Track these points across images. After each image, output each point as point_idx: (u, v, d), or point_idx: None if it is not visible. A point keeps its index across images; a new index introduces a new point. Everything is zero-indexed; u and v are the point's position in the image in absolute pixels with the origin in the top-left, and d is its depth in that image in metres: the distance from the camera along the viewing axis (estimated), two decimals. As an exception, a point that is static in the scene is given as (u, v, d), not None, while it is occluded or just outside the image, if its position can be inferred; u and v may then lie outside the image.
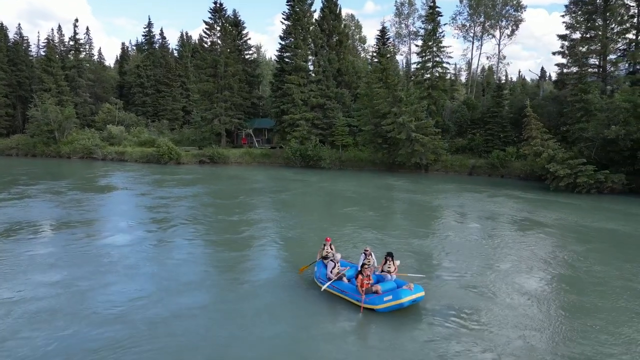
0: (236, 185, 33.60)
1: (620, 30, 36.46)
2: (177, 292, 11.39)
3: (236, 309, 10.43)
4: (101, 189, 30.61)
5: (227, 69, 49.18)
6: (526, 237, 17.79)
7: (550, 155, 29.84)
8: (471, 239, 17.50)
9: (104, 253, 14.79)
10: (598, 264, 14.15)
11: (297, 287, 11.94)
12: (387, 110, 38.80)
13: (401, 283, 10.74)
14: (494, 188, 31.49)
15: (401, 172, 41.07)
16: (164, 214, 21.79)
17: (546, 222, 20.45)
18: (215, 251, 15.65)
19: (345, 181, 35.64)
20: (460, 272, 13.25)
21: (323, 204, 26.86)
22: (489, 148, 39.59)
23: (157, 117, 69.15)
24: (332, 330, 9.57)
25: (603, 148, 30.50)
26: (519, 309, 10.59)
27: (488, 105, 41.26)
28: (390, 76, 38.33)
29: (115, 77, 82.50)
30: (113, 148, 52.31)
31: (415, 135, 37.97)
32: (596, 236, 18.32)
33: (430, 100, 43.38)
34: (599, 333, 9.32)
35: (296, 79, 45.57)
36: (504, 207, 24.34)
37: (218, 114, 49.66)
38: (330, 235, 16.51)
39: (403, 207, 25.77)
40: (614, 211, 23.95)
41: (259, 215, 21.89)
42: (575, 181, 28.81)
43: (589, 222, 20.82)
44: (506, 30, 48.25)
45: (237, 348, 8.70)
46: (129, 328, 9.33)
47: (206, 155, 47.74)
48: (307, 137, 45.37)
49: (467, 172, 39.79)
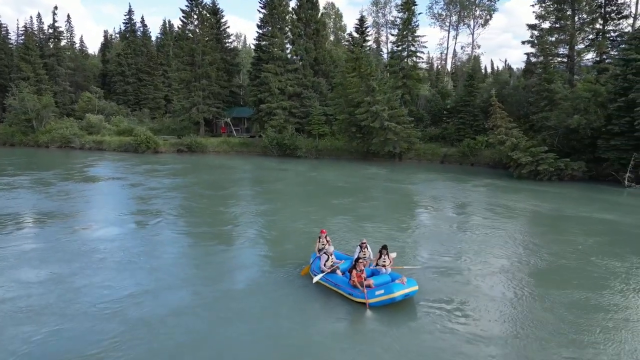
0: (214, 175, 33.37)
1: (588, 20, 37.08)
2: (169, 288, 11.15)
3: (228, 305, 10.25)
4: (80, 179, 30.22)
5: (204, 57, 49.11)
6: (496, 225, 17.88)
7: (513, 144, 30.55)
8: (446, 228, 17.68)
9: (93, 247, 14.43)
10: (584, 253, 14.41)
11: (289, 280, 11.82)
12: (361, 100, 39.18)
13: (396, 276, 10.56)
14: (464, 176, 32.22)
15: (376, 161, 41.66)
16: (149, 206, 21.45)
17: (513, 209, 21.16)
18: (204, 245, 15.21)
19: (321, 170, 35.97)
20: (443, 262, 13.29)
21: (302, 194, 26.83)
22: (460, 137, 40.22)
23: (139, 106, 68.86)
24: (323, 324, 9.43)
25: (566, 136, 31.28)
26: (506, 300, 10.60)
27: (461, 94, 41.80)
28: (363, 65, 38.62)
29: (99, 65, 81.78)
30: (91, 137, 52.23)
31: (388, 124, 38.46)
32: (562, 221, 19.15)
33: (405, 89, 43.82)
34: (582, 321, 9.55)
35: (273, 67, 45.71)
36: (473, 195, 25.00)
37: (196, 103, 49.71)
38: (310, 225, 17.15)
39: (380, 195, 25.75)
40: (571, 197, 24.79)
41: (242, 208, 21.47)
42: (536, 169, 29.57)
43: (550, 208, 21.60)
44: (480, 20, 48.70)
45: (227, 346, 8.55)
46: (120, 326, 9.12)
47: (184, 144, 47.92)
48: (284, 126, 45.70)
49: (439, 160, 40.47)
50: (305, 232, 16.50)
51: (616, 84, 28.95)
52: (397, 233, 16.71)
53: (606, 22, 36.45)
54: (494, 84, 41.43)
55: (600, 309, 10.10)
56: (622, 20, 36.06)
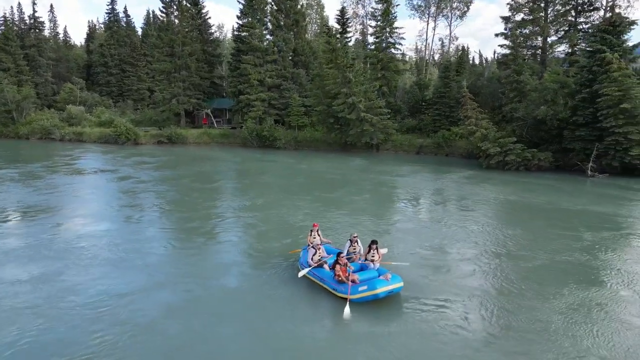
0: (198, 168, 32.56)
1: (561, 12, 37.48)
2: (158, 287, 10.94)
3: (218, 304, 10.11)
4: (62, 172, 29.65)
5: (184, 48, 48.96)
6: (469, 217, 18.14)
7: (482, 135, 31.05)
8: (423, 221, 17.82)
9: (80, 244, 14.09)
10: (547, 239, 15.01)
11: (277, 274, 11.70)
12: (338, 91, 39.43)
13: (383, 272, 10.39)
14: (438, 167, 32.79)
15: (354, 152, 42.04)
16: (135, 200, 21.08)
17: (484, 200, 21.59)
18: (193, 240, 14.85)
19: (302, 162, 35.95)
20: (424, 256, 13.28)
21: (287, 186, 26.03)
22: (436, 128, 40.69)
23: (122, 97, 68.48)
24: (307, 321, 9.35)
25: (534, 127, 31.84)
26: (488, 295, 10.62)
27: (437, 85, 42.18)
28: (340, 57, 38.80)
29: (84, 56, 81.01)
30: (71, 129, 51.99)
31: (365, 116, 38.79)
32: (527, 211, 19.67)
33: (383, 81, 44.10)
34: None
35: (252, 59, 45.71)
36: (447, 187, 25.27)
37: (176, 94, 49.63)
38: (299, 217, 17.24)
39: (366, 188, 25.37)
40: (537, 187, 25.26)
41: (229, 202, 21.21)
42: (504, 159, 30.13)
43: (516, 198, 22.19)
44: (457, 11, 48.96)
45: (218, 345, 8.44)
46: (109, 326, 8.96)
47: (164, 136, 47.94)
48: (264, 118, 45.85)
49: (415, 151, 40.97)
50: (295, 225, 16.37)
51: (582, 76, 29.47)
52: (381, 227, 16.56)
53: (578, 14, 36.89)
54: (470, 75, 41.81)
55: (565, 297, 10.48)
56: (593, 12, 36.52)
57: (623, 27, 28.85)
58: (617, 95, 26.32)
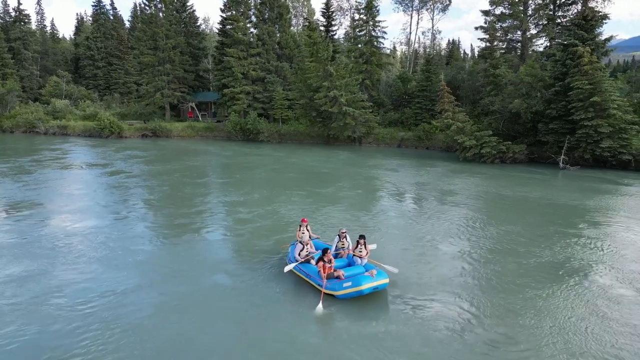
0: (185, 162, 31.93)
1: (541, 5, 37.77)
2: (147, 286, 10.64)
3: (206, 303, 9.83)
4: (47, 166, 29.27)
5: (167, 41, 48.86)
6: (448, 210, 18.30)
7: (459, 128, 31.41)
8: (404, 215, 17.80)
9: (66, 242, 13.70)
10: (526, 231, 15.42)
11: (266, 270, 11.52)
12: (320, 84, 39.65)
13: (370, 268, 10.28)
14: (419, 159, 33.18)
15: (337, 145, 42.35)
16: (122, 196, 20.57)
17: (460, 192, 21.81)
18: (183, 238, 14.40)
19: (289, 155, 35.97)
20: (407, 251, 13.20)
21: (272, 181, 25.74)
22: (418, 121, 41.02)
23: (109, 90, 68.27)
24: (290, 317, 9.23)
25: (510, 120, 32.27)
26: (472, 290, 10.51)
27: (419, 79, 42.46)
28: (321, 50, 38.96)
29: (72, 49, 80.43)
30: (55, 122, 51.88)
31: (346, 109, 39.06)
32: (501, 201, 20.10)
33: (366, 74, 44.31)
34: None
35: (236, 52, 45.75)
36: (426, 180, 25.33)
37: (160, 87, 49.61)
38: (284, 212, 17.14)
39: (349, 181, 25.14)
40: (511, 178, 25.69)
41: (215, 197, 20.77)
42: (480, 152, 30.53)
43: (491, 190, 22.51)
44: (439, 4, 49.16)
45: (208, 346, 8.22)
46: (98, 327, 8.73)
47: (149, 129, 47.98)
48: (248, 111, 45.99)
49: (397, 144, 41.33)
50: (286, 220, 16.22)
51: (556, 69, 29.85)
52: (368, 222, 16.41)
53: (557, 8, 37.21)
54: (452, 69, 42.12)
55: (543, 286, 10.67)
56: (572, 5, 36.85)
57: (595, 21, 29.21)
58: (588, 88, 26.74)
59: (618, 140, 27.15)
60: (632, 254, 12.99)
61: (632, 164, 27.83)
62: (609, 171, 27.81)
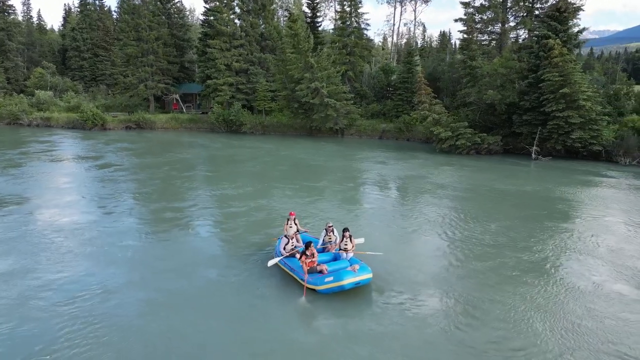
0: (174, 155, 31.67)
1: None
2: (136, 284, 10.45)
3: (195, 300, 9.67)
4: (30, 159, 28.73)
5: (150, 32, 48.67)
6: (426, 202, 18.52)
7: (435, 119, 31.71)
8: (384, 208, 17.84)
9: (55, 238, 13.38)
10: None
11: (256, 265, 11.41)
12: (301, 76, 39.75)
13: (355, 262, 10.21)
14: (399, 151, 33.50)
15: (320, 137, 42.57)
16: (110, 190, 20.13)
17: (437, 184, 22.06)
18: (173, 233, 14.15)
19: (271, 147, 35.94)
20: (389, 244, 13.13)
21: (257, 174, 25.21)
22: (399, 113, 41.27)
23: (96, 82, 67.92)
24: (276, 312, 9.20)
25: (486, 112, 32.61)
26: (454, 283, 10.58)
27: (400, 71, 42.65)
28: (302, 42, 39.02)
29: (59, 40, 79.73)
30: (39, 114, 51.67)
31: (328, 101, 39.24)
32: (472, 192, 20.38)
33: (349, 66, 44.43)
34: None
35: (219, 43, 45.67)
36: (406, 171, 25.64)
37: (143, 79, 49.50)
38: (275, 205, 17.09)
39: (338, 175, 25.11)
40: (485, 169, 26.13)
41: (202, 190, 20.51)
42: (455, 143, 30.87)
43: (465, 180, 22.89)
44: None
45: (196, 344, 8.09)
46: (86, 326, 8.55)
47: (132, 121, 47.93)
48: (231, 102, 46.05)
49: (378, 136, 41.63)
50: (277, 213, 16.12)
51: (530, 61, 30.16)
52: (349, 215, 16.34)
53: (536, 0, 37.39)
54: (433, 60, 42.31)
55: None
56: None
57: (569, 13, 29.47)
58: (558, 80, 27.09)
59: (588, 132, 27.57)
60: (609, 244, 13.28)
61: (602, 155, 28.33)
62: (580, 162, 28.29)
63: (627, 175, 24.28)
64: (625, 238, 13.91)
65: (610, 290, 10.21)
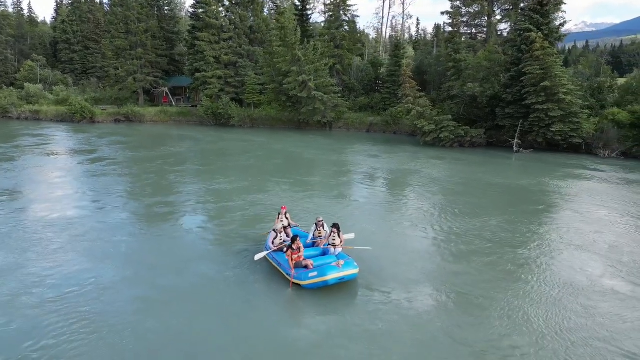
0: (165, 148, 31.61)
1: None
2: (128, 280, 10.28)
3: (187, 298, 9.50)
4: (21, 152, 28.55)
5: (139, 25, 48.50)
6: (411, 194, 18.92)
7: (419, 112, 31.89)
8: (369, 201, 17.93)
9: (46, 233, 13.14)
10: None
11: (249, 260, 11.26)
12: (289, 69, 39.80)
13: (342, 257, 10.09)
14: (386, 144, 33.74)
15: (308, 130, 42.71)
16: (102, 184, 19.80)
17: (418, 176, 22.46)
18: (165, 229, 13.99)
19: (263, 140, 35.93)
20: (373, 237, 12.98)
21: (244, 168, 25.01)
22: (386, 106, 41.44)
23: (86, 75, 67.65)
24: (267, 307, 9.11)
25: (470, 105, 32.82)
26: (437, 276, 10.60)
27: (388, 64, 42.74)
28: (289, 35, 39.03)
29: (51, 33, 79.21)
30: (28, 107, 51.57)
31: (315, 94, 39.34)
32: (453, 184, 20.58)
33: (337, 59, 44.48)
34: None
35: (207, 36, 45.61)
36: (391, 164, 25.87)
37: (132, 72, 49.42)
38: (264, 199, 17.05)
39: (334, 168, 25.05)
40: (468, 162, 26.38)
41: (193, 185, 20.29)
42: (439, 136, 31.10)
43: (448, 172, 23.18)
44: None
45: (187, 341, 7.97)
46: (77, 323, 8.41)
47: (121, 114, 47.94)
48: (220, 96, 46.06)
49: (366, 129, 41.83)
50: (272, 207, 15.94)
51: (512, 54, 30.34)
52: (334, 208, 16.23)
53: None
54: (420, 54, 42.41)
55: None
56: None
57: (551, 6, 29.61)
58: (539, 73, 27.31)
59: (569, 124, 27.86)
60: (600, 238, 13.38)
61: (582, 148, 28.64)
62: (560, 154, 28.62)
63: (606, 168, 24.70)
64: (611, 230, 14.09)
65: (604, 285, 10.17)
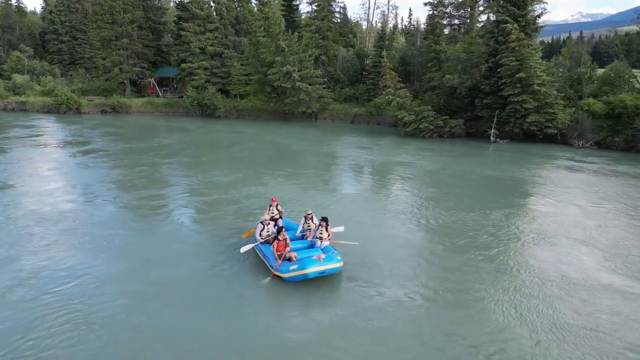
0: (155, 139, 31.70)
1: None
2: (121, 277, 10.16)
3: (180, 295, 9.42)
4: (9, 144, 28.47)
5: (124, 15, 48.35)
6: (397, 185, 19.17)
7: (399, 103, 32.23)
8: (354, 192, 18.08)
9: (38, 227, 13.07)
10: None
11: (236, 252, 11.21)
12: (273, 60, 39.93)
13: (328, 251, 10.09)
14: (368, 135, 34.06)
15: (293, 121, 42.97)
16: (94, 176, 19.74)
17: (400, 166, 22.76)
18: (158, 223, 13.86)
19: (254, 132, 36.03)
20: (356, 230, 12.89)
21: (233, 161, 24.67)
22: (370, 97, 41.66)
23: (75, 65, 67.31)
24: (262, 301, 9.16)
25: (450, 96, 33.16)
26: (421, 269, 10.73)
27: (373, 55, 42.91)
28: (272, 25, 39.09)
29: (40, 23, 78.53)
30: (14, 98, 51.50)
31: (300, 84, 39.54)
32: (433, 175, 20.96)
33: (322, 50, 44.58)
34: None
35: (193, 26, 45.56)
36: (373, 155, 26.05)
37: (118, 63, 49.37)
38: (256, 191, 17.12)
39: (320, 160, 25.13)
40: (448, 152, 26.74)
41: (184, 177, 20.10)
42: (419, 127, 31.47)
43: (426, 163, 23.62)
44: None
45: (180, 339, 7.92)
46: (69, 321, 8.33)
47: (108, 105, 47.99)
48: (206, 86, 46.15)
49: (350, 120, 42.12)
50: (263, 199, 16.00)
51: (490, 46, 30.63)
52: (328, 202, 16.23)
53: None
54: (404, 45, 42.56)
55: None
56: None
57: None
58: (515, 65, 27.66)
59: (544, 115, 28.29)
60: (568, 225, 13.83)
61: (558, 138, 29.10)
62: (536, 145, 29.09)
63: (579, 157, 25.23)
64: (590, 219, 14.49)
65: (592, 277, 10.34)
